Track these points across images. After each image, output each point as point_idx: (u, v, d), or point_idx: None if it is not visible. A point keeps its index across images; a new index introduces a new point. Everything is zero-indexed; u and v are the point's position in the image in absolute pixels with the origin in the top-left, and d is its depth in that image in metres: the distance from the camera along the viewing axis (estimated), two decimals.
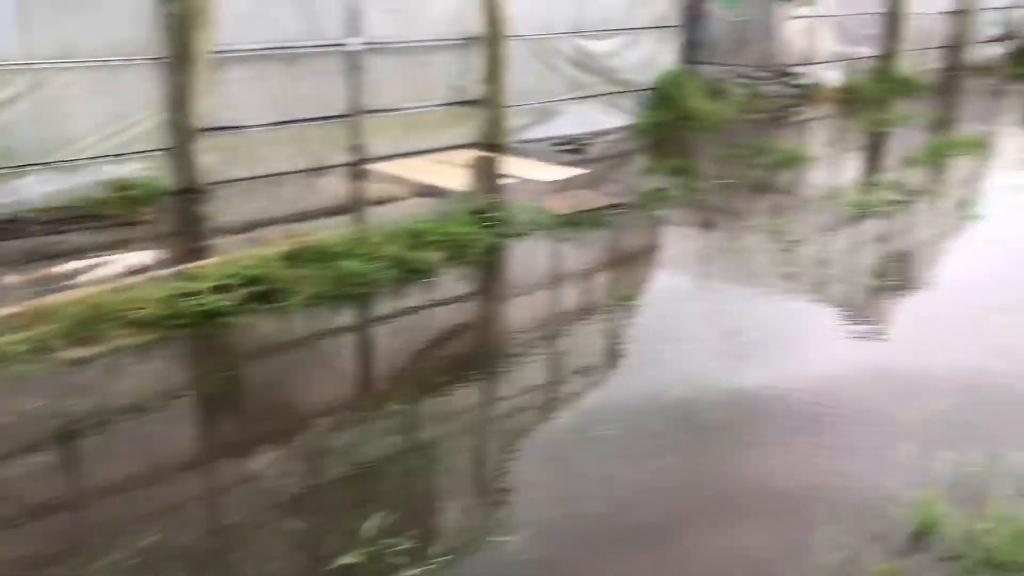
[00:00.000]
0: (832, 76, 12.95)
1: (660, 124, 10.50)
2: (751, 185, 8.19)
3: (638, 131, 10.38)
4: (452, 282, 5.62)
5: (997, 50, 16.94)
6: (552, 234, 6.49)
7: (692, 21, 12.59)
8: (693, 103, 10.91)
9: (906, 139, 10.69)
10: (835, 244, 6.66)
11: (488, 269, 6.00)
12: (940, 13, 15.14)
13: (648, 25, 10.64)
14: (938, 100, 13.75)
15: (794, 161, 8.83)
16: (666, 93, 10.74)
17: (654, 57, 10.81)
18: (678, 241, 6.91)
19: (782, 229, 6.68)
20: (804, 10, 12.23)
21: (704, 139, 10.37)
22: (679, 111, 10.78)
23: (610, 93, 10.44)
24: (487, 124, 9.31)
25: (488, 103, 9.27)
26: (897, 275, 5.96)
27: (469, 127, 9.23)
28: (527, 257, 6.22)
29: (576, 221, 6.76)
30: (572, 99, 10.07)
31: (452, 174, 8.03)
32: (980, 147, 9.61)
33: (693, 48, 12.66)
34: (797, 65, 12.58)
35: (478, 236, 6.09)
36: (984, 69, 16.31)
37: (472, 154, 8.68)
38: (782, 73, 12.47)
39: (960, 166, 8.98)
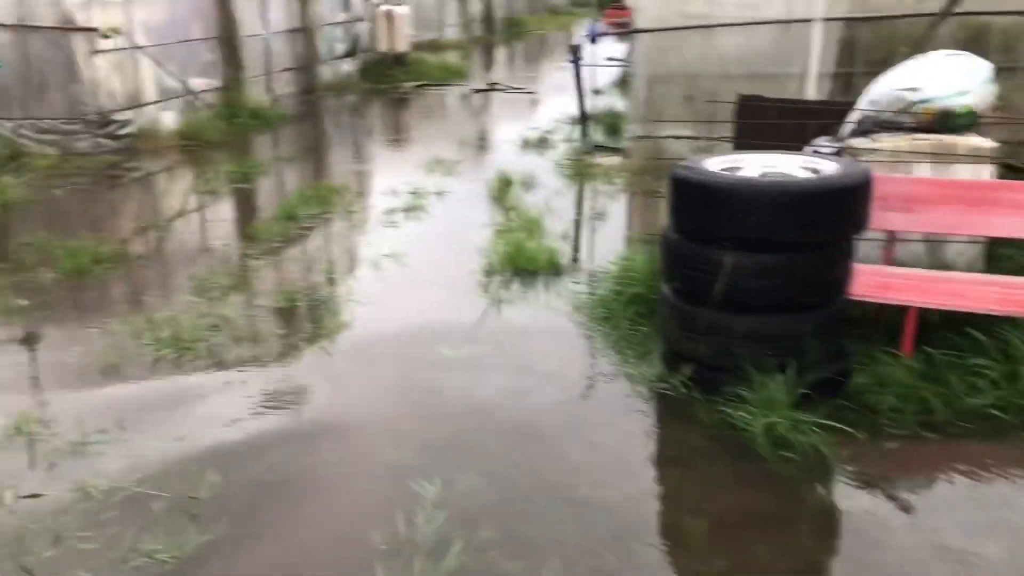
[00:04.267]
0: (168, 118, 10.67)
1: None
2: (47, 320, 5.51)
3: None
4: None
5: (347, 67, 16.44)
6: None
7: None
8: None
9: (271, 195, 8.93)
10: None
11: None
12: (281, 32, 13.83)
13: None
14: (300, 130, 12.42)
15: (115, 259, 6.34)
16: None
17: None
18: None
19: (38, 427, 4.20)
20: (109, 42, 9.68)
21: None
22: None
23: None
24: None
25: None
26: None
27: None
28: None
29: None
30: None
31: None
32: (342, 194, 8.25)
33: None
34: (119, 110, 10.01)
35: None
36: (338, 87, 15.65)
37: None
38: (100, 123, 9.80)
39: (330, 234, 7.40)
